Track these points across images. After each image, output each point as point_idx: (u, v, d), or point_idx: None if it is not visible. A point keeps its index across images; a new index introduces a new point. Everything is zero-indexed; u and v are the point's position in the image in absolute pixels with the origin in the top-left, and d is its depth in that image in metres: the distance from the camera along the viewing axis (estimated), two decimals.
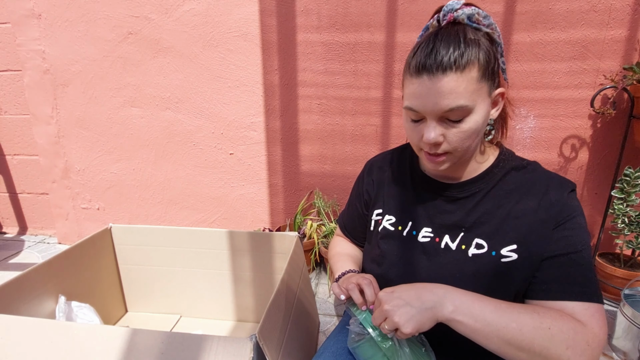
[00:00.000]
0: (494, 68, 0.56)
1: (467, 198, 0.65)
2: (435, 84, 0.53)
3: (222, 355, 0.62)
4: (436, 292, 0.55)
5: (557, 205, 0.58)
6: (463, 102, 0.53)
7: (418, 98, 0.56)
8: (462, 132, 0.56)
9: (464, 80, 0.52)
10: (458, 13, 0.56)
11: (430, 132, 0.56)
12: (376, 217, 0.75)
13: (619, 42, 1.44)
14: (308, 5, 1.61)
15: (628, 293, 1.22)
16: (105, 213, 2.06)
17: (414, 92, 0.56)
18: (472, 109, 0.54)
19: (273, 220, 1.93)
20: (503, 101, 0.61)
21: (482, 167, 0.65)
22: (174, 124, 1.85)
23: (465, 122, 0.55)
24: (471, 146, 0.59)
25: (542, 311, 0.53)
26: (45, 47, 1.83)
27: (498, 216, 0.61)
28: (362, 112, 1.71)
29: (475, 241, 0.62)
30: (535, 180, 0.62)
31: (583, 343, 0.50)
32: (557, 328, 0.50)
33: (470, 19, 0.55)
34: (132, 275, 1.31)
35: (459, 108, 0.53)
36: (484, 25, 0.56)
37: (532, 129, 1.58)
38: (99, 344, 0.66)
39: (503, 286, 0.59)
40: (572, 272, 0.56)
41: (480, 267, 0.60)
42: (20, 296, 0.92)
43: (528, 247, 0.58)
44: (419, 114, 0.57)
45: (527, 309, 0.53)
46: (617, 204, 1.40)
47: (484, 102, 0.56)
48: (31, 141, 2.10)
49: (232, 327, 1.28)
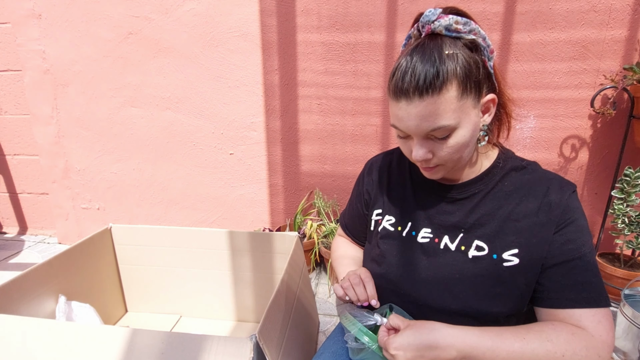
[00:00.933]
0: (477, 78, 0.54)
1: (466, 199, 0.65)
2: (415, 109, 0.53)
3: (222, 355, 0.62)
4: (440, 341, 0.53)
5: (558, 208, 0.58)
6: (444, 123, 0.53)
7: (400, 121, 0.56)
8: (449, 148, 0.56)
9: (442, 101, 0.52)
10: (435, 25, 0.53)
11: (417, 151, 0.57)
12: (376, 217, 0.76)
13: (619, 42, 1.44)
14: (308, 6, 1.61)
15: (628, 293, 1.22)
16: (105, 213, 2.06)
17: (396, 114, 0.56)
18: (455, 126, 0.54)
19: (273, 220, 1.94)
20: (495, 107, 0.60)
21: (481, 168, 0.65)
22: (174, 124, 1.85)
23: (451, 137, 0.55)
24: (463, 156, 0.59)
25: (554, 336, 0.52)
26: (46, 47, 1.83)
27: (498, 218, 0.61)
28: (362, 112, 1.71)
29: (475, 243, 0.61)
30: (535, 181, 0.61)
31: (595, 357, 0.51)
32: (571, 352, 0.51)
33: (448, 29, 0.53)
34: (132, 275, 1.31)
35: (440, 128, 0.53)
36: (464, 33, 0.54)
37: (532, 129, 1.58)
38: (99, 344, 0.66)
39: (507, 291, 0.58)
40: (576, 279, 0.56)
41: (482, 270, 0.60)
42: (21, 296, 0.92)
43: (530, 251, 0.58)
44: (404, 132, 0.58)
45: (540, 336, 0.53)
46: (617, 204, 1.40)
47: (469, 116, 0.55)
48: (31, 141, 2.10)
49: (232, 327, 1.28)
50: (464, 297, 0.60)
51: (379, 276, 0.69)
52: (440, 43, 0.53)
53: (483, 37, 0.56)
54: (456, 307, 0.60)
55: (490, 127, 0.63)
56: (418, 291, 0.64)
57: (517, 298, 0.59)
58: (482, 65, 0.56)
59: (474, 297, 0.59)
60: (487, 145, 0.66)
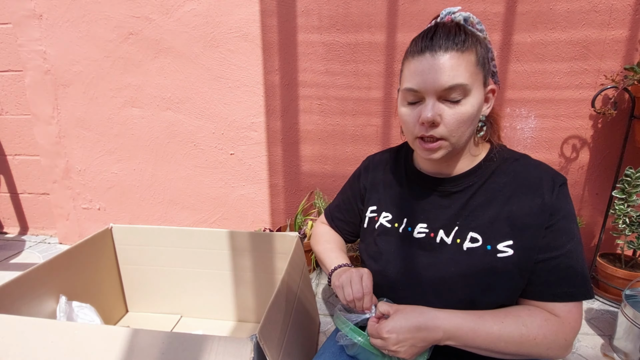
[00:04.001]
0: (488, 65, 0.60)
1: (460, 192, 0.65)
2: (438, 61, 0.55)
3: (222, 355, 0.62)
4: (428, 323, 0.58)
5: (549, 201, 0.59)
6: (462, 81, 0.55)
7: (420, 75, 0.57)
8: (459, 114, 0.57)
9: (464, 60, 0.55)
10: (455, 15, 0.60)
11: (428, 110, 0.57)
12: (370, 214, 0.76)
13: (619, 43, 1.44)
14: (309, 6, 1.61)
15: (629, 294, 1.22)
16: (106, 213, 2.06)
17: (416, 69, 0.58)
18: (470, 90, 0.56)
19: (274, 220, 1.94)
20: (494, 98, 0.64)
21: (474, 161, 0.67)
22: (174, 124, 1.85)
23: (462, 103, 0.57)
24: (464, 134, 0.60)
25: (529, 321, 0.58)
26: (46, 48, 1.83)
27: (492, 209, 0.62)
28: (363, 113, 1.71)
29: (469, 235, 0.62)
30: (527, 174, 0.63)
31: (562, 340, 0.58)
32: (542, 336, 0.57)
33: (466, 21, 0.60)
34: (132, 276, 1.31)
35: (458, 86, 0.55)
36: (477, 30, 0.60)
37: (533, 129, 1.58)
38: (100, 344, 0.66)
39: (501, 282, 0.59)
40: (559, 275, 0.59)
41: (476, 261, 0.61)
42: (21, 296, 0.92)
43: (523, 243, 0.59)
44: (418, 94, 0.58)
45: (517, 321, 0.58)
46: (618, 205, 1.39)
47: (479, 89, 0.58)
48: (32, 141, 2.10)
49: (232, 327, 1.28)
50: (460, 289, 0.61)
51: (377, 273, 0.70)
52: (462, 25, 0.59)
53: (489, 41, 0.62)
54: (452, 299, 0.62)
55: (486, 124, 0.67)
56: (415, 287, 0.65)
57: (510, 289, 0.60)
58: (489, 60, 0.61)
59: (469, 288, 0.61)
60: (481, 140, 0.68)
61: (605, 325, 1.35)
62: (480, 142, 0.68)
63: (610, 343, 1.25)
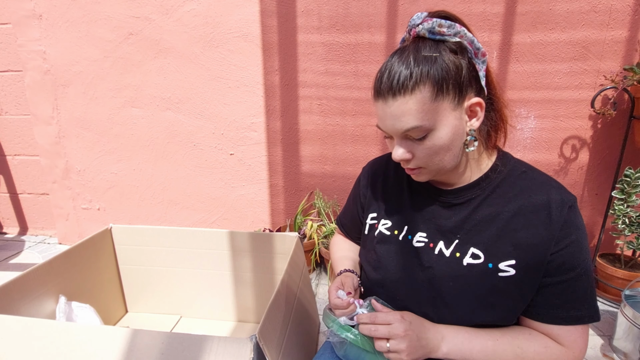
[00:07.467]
0: (458, 80, 0.54)
1: (463, 204, 0.63)
2: (389, 108, 0.55)
3: (222, 355, 0.62)
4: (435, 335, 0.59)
5: (558, 224, 0.56)
6: (417, 123, 0.54)
7: (380, 120, 0.58)
8: (427, 149, 0.56)
9: (414, 102, 0.53)
10: (419, 29, 0.55)
11: (396, 150, 0.59)
12: (371, 221, 0.75)
13: (619, 43, 1.44)
14: (309, 6, 1.61)
15: (629, 294, 1.22)
16: (105, 213, 2.06)
17: (377, 114, 0.59)
18: (429, 127, 0.54)
19: (273, 220, 1.94)
20: (482, 111, 0.58)
21: (478, 173, 0.63)
22: (174, 124, 1.85)
23: (428, 139, 0.55)
24: (443, 160, 0.58)
25: (525, 346, 0.57)
26: (46, 48, 1.83)
27: (496, 225, 0.59)
28: (363, 113, 1.71)
29: (471, 250, 0.60)
30: (534, 190, 0.59)
31: None
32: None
33: (431, 32, 0.54)
34: (132, 276, 1.31)
35: (414, 128, 0.54)
36: (449, 35, 0.54)
37: (532, 129, 1.58)
38: (100, 344, 0.66)
39: (500, 301, 0.58)
40: (567, 298, 0.57)
41: (476, 279, 0.59)
42: (21, 296, 0.92)
43: (527, 264, 0.57)
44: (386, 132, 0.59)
45: (512, 343, 0.57)
46: (617, 205, 1.39)
47: (446, 118, 0.55)
48: (32, 141, 2.10)
49: (232, 328, 1.28)
50: (456, 304, 0.60)
51: (376, 282, 0.69)
52: (420, 46, 0.55)
53: (470, 40, 0.55)
54: (449, 315, 0.60)
55: (483, 133, 0.61)
56: (413, 297, 0.64)
57: (510, 309, 0.58)
58: (468, 68, 0.55)
59: (466, 304, 0.59)
60: (481, 149, 0.63)
61: (605, 325, 1.35)
62: (484, 151, 0.64)
63: (609, 343, 1.25)
